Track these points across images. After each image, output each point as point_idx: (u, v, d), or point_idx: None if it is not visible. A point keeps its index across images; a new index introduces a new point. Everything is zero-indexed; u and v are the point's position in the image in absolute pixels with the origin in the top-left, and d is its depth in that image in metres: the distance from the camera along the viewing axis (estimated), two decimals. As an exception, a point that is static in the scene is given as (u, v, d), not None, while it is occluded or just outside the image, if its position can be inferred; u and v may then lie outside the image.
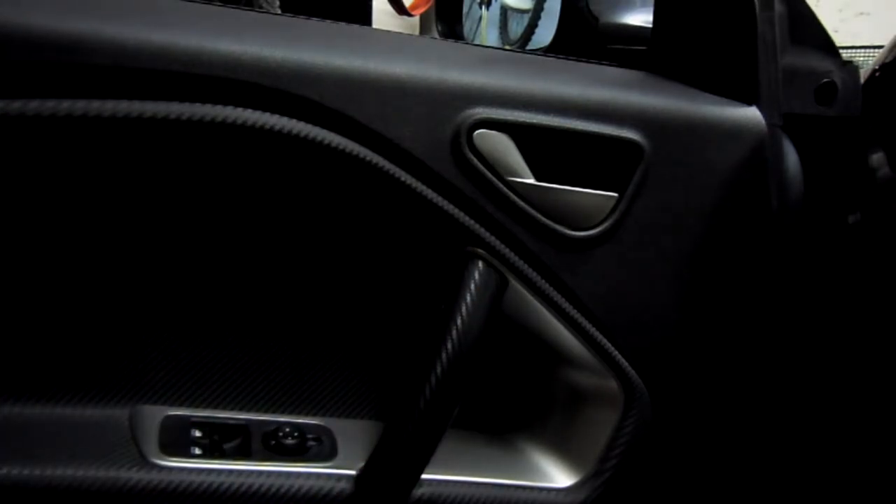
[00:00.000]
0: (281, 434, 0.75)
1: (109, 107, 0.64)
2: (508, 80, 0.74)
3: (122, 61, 0.64)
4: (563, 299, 0.75)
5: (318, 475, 0.73)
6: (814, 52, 0.81)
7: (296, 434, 0.75)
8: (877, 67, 0.85)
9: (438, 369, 0.72)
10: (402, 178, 0.70)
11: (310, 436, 0.77)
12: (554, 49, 1.45)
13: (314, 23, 0.79)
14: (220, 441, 0.75)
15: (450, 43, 1.48)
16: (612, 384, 0.78)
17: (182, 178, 0.73)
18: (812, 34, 0.81)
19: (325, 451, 0.76)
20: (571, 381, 0.81)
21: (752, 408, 0.83)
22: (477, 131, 0.71)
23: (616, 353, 0.77)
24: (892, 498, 0.84)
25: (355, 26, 0.81)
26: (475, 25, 2.58)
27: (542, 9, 2.21)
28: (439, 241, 0.75)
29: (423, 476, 0.74)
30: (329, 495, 0.72)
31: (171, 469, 0.70)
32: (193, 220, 0.74)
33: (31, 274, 0.72)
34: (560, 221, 0.74)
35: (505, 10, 2.52)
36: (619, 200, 0.75)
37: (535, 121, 0.72)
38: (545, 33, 2.05)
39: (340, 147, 0.68)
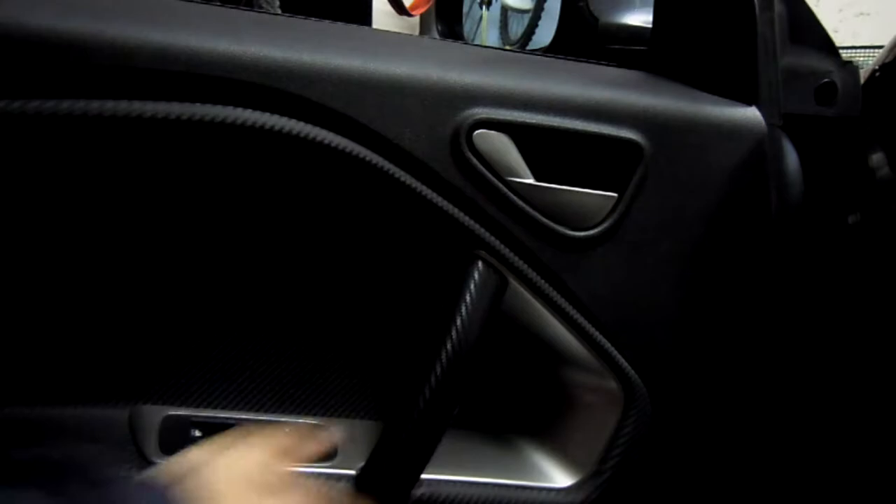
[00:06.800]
0: (281, 434, 0.75)
1: (109, 107, 0.64)
2: (508, 80, 0.74)
3: (122, 61, 0.64)
4: (563, 299, 0.75)
5: (318, 475, 0.73)
6: (814, 52, 0.81)
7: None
8: (877, 67, 0.85)
9: (438, 369, 0.72)
10: (402, 179, 0.70)
11: (310, 436, 0.77)
12: (554, 49, 1.45)
13: (314, 23, 0.79)
14: (220, 441, 0.75)
15: (450, 43, 1.47)
16: (612, 384, 0.78)
17: (182, 178, 0.73)
18: (812, 34, 0.81)
19: (324, 451, 0.76)
20: (571, 381, 0.81)
21: (752, 408, 0.83)
22: (477, 131, 0.71)
23: (616, 353, 0.77)
24: (893, 498, 0.84)
25: (355, 26, 0.81)
26: (475, 25, 2.58)
27: (542, 9, 2.21)
28: (439, 242, 0.75)
29: (423, 476, 0.74)
30: (329, 495, 0.72)
31: (171, 469, 0.70)
32: (194, 220, 0.74)
33: (31, 274, 0.72)
34: (560, 221, 0.74)
35: (505, 10, 2.52)
36: (618, 200, 0.75)
37: (534, 121, 0.73)
38: (545, 33, 2.05)
39: (340, 147, 0.68)
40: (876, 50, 1.03)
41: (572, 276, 0.75)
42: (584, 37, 1.37)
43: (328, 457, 0.75)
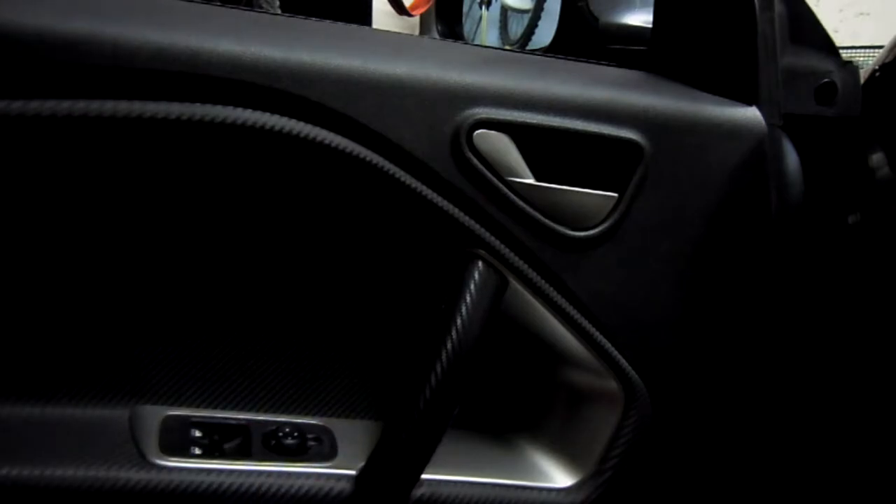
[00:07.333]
0: (281, 434, 0.75)
1: (109, 107, 0.64)
2: (508, 80, 0.74)
3: (121, 61, 0.64)
4: (563, 299, 0.75)
5: (318, 475, 0.73)
6: (814, 52, 0.81)
7: (296, 434, 0.75)
8: (877, 67, 0.85)
9: (438, 369, 0.72)
10: (402, 179, 0.70)
11: (310, 436, 0.77)
12: (554, 49, 1.45)
13: (314, 23, 0.79)
14: (220, 441, 0.75)
15: (450, 43, 1.48)
16: (612, 384, 0.78)
17: (182, 178, 0.73)
18: (812, 34, 0.81)
19: (325, 451, 0.76)
20: (571, 381, 0.81)
21: (752, 408, 0.83)
22: (477, 131, 0.71)
23: (616, 353, 0.77)
24: (893, 498, 0.84)
25: (355, 26, 0.81)
26: (475, 25, 2.58)
27: (542, 9, 2.21)
28: (439, 242, 0.75)
29: (423, 476, 0.74)
30: (329, 495, 0.73)
31: (171, 469, 0.70)
32: (194, 220, 0.74)
33: (31, 274, 0.72)
34: (560, 221, 0.74)
35: (505, 10, 2.52)
36: (619, 200, 0.75)
37: (535, 121, 0.73)
38: (545, 33, 2.06)
39: (340, 147, 0.68)
40: (876, 50, 1.03)
41: (572, 276, 0.75)
42: (584, 37, 1.37)
43: (328, 457, 0.75)
